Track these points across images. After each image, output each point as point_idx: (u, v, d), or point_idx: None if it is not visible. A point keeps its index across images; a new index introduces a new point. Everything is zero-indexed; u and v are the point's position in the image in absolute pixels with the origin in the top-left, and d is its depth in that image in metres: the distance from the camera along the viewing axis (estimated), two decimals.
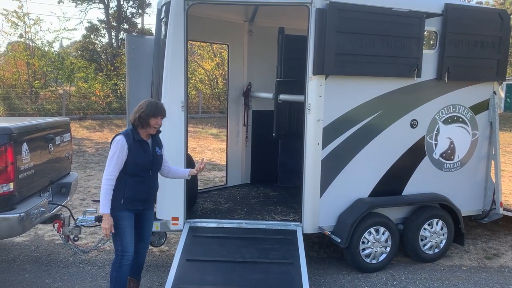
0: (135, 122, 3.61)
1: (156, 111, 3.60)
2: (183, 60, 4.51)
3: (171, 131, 4.55)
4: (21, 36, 20.87)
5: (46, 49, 21.29)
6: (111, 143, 3.62)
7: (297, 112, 5.87)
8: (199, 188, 6.16)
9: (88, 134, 15.64)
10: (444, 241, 5.07)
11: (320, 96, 4.53)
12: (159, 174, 3.97)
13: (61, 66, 20.65)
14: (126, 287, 3.71)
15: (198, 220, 4.86)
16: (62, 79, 21.74)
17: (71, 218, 4.71)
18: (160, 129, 3.79)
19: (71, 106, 19.91)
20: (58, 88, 21.84)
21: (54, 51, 22.07)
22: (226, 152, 6.82)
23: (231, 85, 6.61)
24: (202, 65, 24.18)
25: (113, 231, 3.57)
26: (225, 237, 4.62)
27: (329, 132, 4.65)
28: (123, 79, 21.11)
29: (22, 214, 3.91)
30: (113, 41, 25.57)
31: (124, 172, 3.58)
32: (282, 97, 5.63)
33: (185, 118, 4.59)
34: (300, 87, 4.82)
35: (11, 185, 3.91)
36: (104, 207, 3.53)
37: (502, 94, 26.66)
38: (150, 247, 5.26)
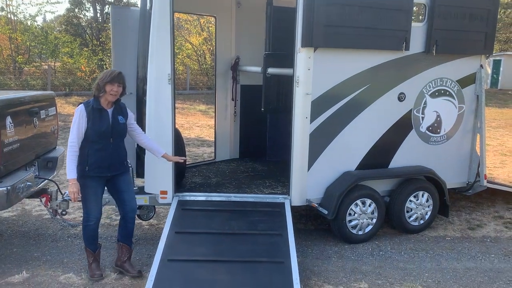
0: (95, 91, 3.80)
1: (111, 77, 3.75)
2: (170, 31, 4.43)
3: (158, 104, 4.51)
4: (2, 9, 20.31)
5: (29, 23, 20.77)
6: None
7: (285, 86, 5.82)
8: (187, 163, 6.15)
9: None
10: (429, 213, 5.17)
11: (309, 69, 4.50)
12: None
13: (45, 41, 20.17)
14: (95, 240, 4.05)
15: (187, 193, 4.87)
16: (46, 54, 21.28)
17: (59, 192, 4.69)
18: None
19: (56, 82, 19.56)
20: (43, 63, 21.39)
21: (37, 25, 21.54)
22: (215, 127, 6.78)
23: (218, 58, 6.53)
24: (189, 39, 23.82)
25: (80, 195, 3.76)
26: (214, 210, 4.65)
27: (318, 106, 4.64)
28: (109, 54, 20.72)
29: (8, 188, 3.88)
30: (98, 15, 24.98)
31: (86, 140, 3.78)
32: (271, 70, 5.58)
33: (172, 92, 4.53)
34: (289, 61, 4.79)
35: None
36: (70, 173, 3.72)
37: (489, 70, 26.86)
38: (139, 221, 5.27)
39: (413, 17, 4.84)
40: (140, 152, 4.95)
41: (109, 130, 3.81)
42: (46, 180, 4.76)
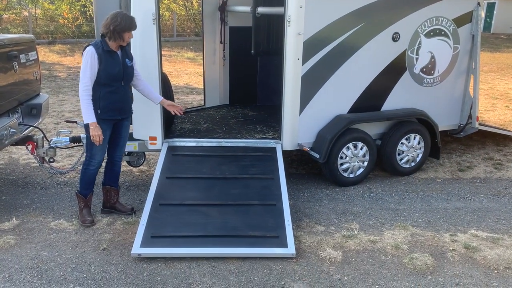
0: (108, 34, 3.62)
1: (131, 25, 3.66)
2: None
3: (143, 46, 4.31)
4: None
5: None
6: (82, 55, 3.65)
7: (276, 26, 5.62)
8: None
9: (58, 58, 14.95)
10: (420, 155, 5.18)
11: (301, 7, 4.29)
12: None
13: None
14: (91, 185, 4.03)
15: (176, 139, 4.79)
16: (26, 1, 20.33)
17: (45, 140, 4.59)
18: (131, 42, 3.86)
19: (38, 29, 18.82)
20: (23, 10, 20.47)
21: None
22: (203, 72, 6.58)
23: None
24: None
25: (103, 137, 3.71)
26: (205, 155, 4.59)
27: (310, 47, 4.47)
28: (92, 0, 19.84)
29: None
30: None
31: (98, 83, 3.66)
32: (261, 10, 5.34)
33: (157, 32, 4.32)
34: None
35: None
36: (89, 117, 3.63)
37: (483, 14, 26.34)
38: (130, 167, 5.23)
39: None
40: None
41: (121, 73, 3.72)
42: (31, 127, 4.63)
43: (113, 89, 3.70)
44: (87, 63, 3.56)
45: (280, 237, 3.51)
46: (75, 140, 4.55)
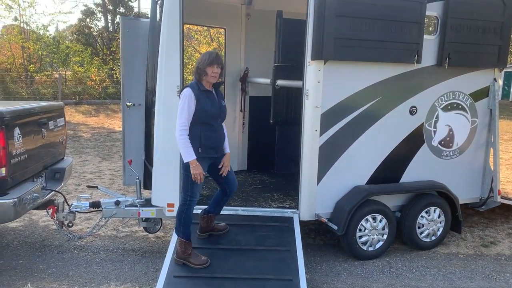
0: (196, 75, 3.80)
1: (210, 60, 3.77)
2: (179, 43, 4.40)
3: (167, 116, 4.46)
4: (15, 19, 20.52)
5: (41, 32, 20.99)
6: (180, 97, 3.80)
7: (294, 98, 5.79)
8: None
9: (84, 119, 15.51)
10: (441, 229, 5.05)
11: (319, 82, 4.44)
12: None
13: (57, 50, 20.36)
14: (190, 227, 3.98)
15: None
16: (58, 63, 21.48)
17: (65, 204, 4.67)
18: (218, 82, 3.94)
19: (66, 90, 19.71)
20: (54, 72, 21.57)
21: (50, 34, 21.77)
22: None
23: (228, 70, 6.50)
24: (199, 50, 23.92)
25: (205, 174, 3.76)
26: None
27: (327, 119, 4.57)
28: (119, 64, 20.72)
29: (14, 200, 3.86)
30: (109, 25, 25.25)
31: (197, 122, 3.77)
32: (280, 82, 5.54)
33: None
34: (298, 73, 4.74)
35: (3, 170, 3.84)
36: (190, 155, 3.71)
37: (500, 82, 26.60)
38: (145, 233, 5.22)
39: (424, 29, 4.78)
40: (148, 163, 4.92)
41: (218, 111, 3.86)
42: (53, 192, 4.73)
43: (212, 128, 3.83)
44: (184, 104, 3.69)
45: None
46: (95, 205, 4.62)
